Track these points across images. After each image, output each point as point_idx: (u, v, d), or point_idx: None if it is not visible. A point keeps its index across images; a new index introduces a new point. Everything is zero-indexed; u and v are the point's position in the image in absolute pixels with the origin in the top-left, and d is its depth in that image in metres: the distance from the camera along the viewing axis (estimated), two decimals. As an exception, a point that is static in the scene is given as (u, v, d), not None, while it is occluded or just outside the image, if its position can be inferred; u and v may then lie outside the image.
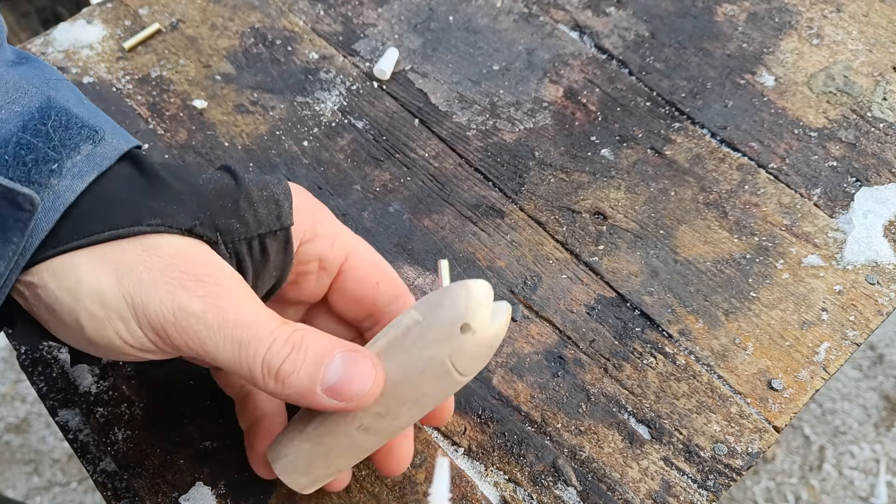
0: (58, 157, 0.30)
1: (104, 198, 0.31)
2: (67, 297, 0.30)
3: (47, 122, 0.31)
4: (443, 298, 0.31)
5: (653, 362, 0.43)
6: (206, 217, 0.32)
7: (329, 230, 0.36)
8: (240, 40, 0.58)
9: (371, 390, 0.30)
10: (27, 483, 1.22)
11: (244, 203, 0.33)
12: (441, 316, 0.31)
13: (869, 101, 0.54)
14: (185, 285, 0.30)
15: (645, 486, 0.39)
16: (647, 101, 0.55)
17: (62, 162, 0.30)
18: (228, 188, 0.33)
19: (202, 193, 0.32)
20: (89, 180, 0.31)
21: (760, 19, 0.59)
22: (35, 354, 0.45)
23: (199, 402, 0.42)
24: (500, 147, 0.52)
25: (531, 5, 0.60)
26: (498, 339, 0.32)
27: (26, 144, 0.30)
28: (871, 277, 0.46)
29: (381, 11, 0.60)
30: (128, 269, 0.30)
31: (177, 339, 0.30)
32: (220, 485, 0.39)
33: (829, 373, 0.43)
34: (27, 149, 0.30)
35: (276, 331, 0.30)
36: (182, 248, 0.31)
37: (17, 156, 0.29)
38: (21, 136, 0.30)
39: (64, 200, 0.30)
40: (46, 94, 0.32)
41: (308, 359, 0.30)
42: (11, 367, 1.34)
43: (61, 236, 0.30)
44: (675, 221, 0.49)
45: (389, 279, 0.37)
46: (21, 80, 0.32)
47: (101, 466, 0.41)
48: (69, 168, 0.30)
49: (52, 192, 0.30)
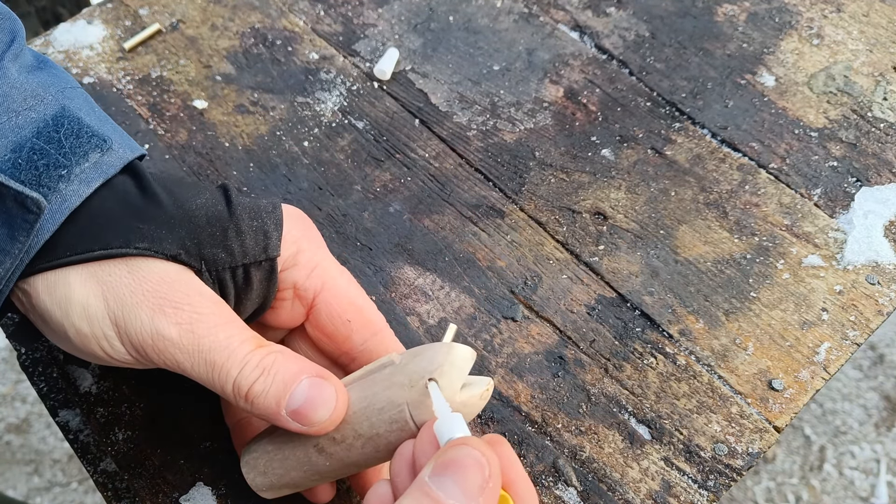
0: (67, 163, 0.32)
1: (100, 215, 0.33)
2: (58, 311, 0.32)
3: (60, 130, 0.33)
4: (425, 351, 0.32)
5: (653, 362, 0.43)
6: (192, 245, 0.33)
7: (310, 260, 0.36)
8: (240, 40, 0.58)
9: (332, 417, 0.32)
10: (28, 483, 1.22)
11: (232, 233, 0.34)
12: (414, 365, 0.32)
13: (869, 101, 0.54)
14: (165, 311, 0.32)
15: (645, 486, 0.39)
16: (647, 101, 0.55)
17: (71, 168, 0.32)
18: (219, 216, 0.34)
19: (192, 219, 0.34)
20: (95, 186, 0.33)
21: (761, 19, 0.59)
22: (36, 355, 0.45)
23: (200, 402, 0.42)
24: (500, 147, 0.52)
25: (531, 5, 0.60)
26: (466, 409, 0.32)
27: (39, 150, 0.32)
28: (872, 277, 0.46)
29: (381, 12, 0.60)
30: (114, 290, 0.32)
31: (155, 358, 0.32)
32: (221, 485, 0.39)
33: (829, 373, 0.43)
34: (40, 154, 0.32)
35: (249, 355, 0.32)
36: (166, 274, 0.33)
37: (30, 160, 0.31)
38: (35, 143, 0.32)
39: (70, 204, 0.32)
40: (61, 104, 0.34)
41: (276, 382, 0.32)
42: (12, 368, 1.34)
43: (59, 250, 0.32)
44: (675, 221, 0.49)
45: (363, 317, 0.37)
46: (38, 88, 0.34)
47: (101, 467, 0.41)
48: (77, 174, 0.32)
49: (60, 196, 0.32)
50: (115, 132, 0.35)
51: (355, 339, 0.37)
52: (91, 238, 0.32)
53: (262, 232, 0.35)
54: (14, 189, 0.30)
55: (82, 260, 0.32)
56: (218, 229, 0.34)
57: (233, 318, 0.33)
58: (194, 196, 0.34)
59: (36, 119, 0.33)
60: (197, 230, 0.34)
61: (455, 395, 0.31)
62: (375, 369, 0.33)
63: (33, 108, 0.33)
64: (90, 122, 0.34)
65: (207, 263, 0.34)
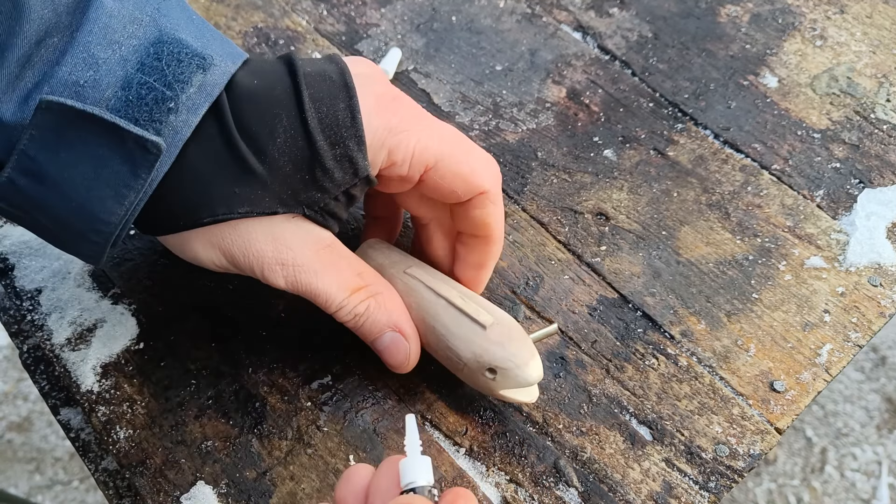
0: (173, 94, 0.34)
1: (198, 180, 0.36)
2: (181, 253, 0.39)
3: (162, 57, 0.34)
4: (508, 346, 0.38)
5: (654, 363, 0.43)
6: (288, 196, 0.37)
7: (404, 154, 0.38)
8: (243, 40, 0.58)
9: (407, 366, 0.40)
10: (29, 481, 1.23)
11: (320, 172, 0.36)
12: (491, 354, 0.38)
13: (872, 102, 0.54)
14: (273, 269, 0.38)
15: (646, 487, 0.39)
16: (649, 101, 0.55)
17: (177, 99, 0.34)
18: (302, 157, 0.36)
19: (280, 170, 0.36)
20: (202, 112, 0.34)
21: (764, 20, 0.59)
22: (37, 353, 0.45)
23: (201, 401, 0.42)
24: (502, 147, 0.52)
25: (534, 6, 0.60)
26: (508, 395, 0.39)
27: (146, 84, 0.34)
28: (874, 279, 0.46)
29: (384, 11, 0.60)
30: (228, 250, 0.38)
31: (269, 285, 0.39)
32: (222, 484, 0.40)
33: (831, 374, 0.43)
34: (147, 89, 0.34)
35: (345, 300, 0.38)
36: (270, 231, 0.37)
37: (139, 96, 0.33)
38: (141, 78, 0.34)
39: (182, 136, 0.34)
40: (158, 25, 0.35)
41: (365, 328, 0.39)
42: (14, 366, 1.34)
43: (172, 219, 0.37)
44: (677, 222, 0.49)
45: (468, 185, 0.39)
46: (135, 10, 0.34)
47: (102, 465, 0.41)
48: (184, 102, 0.34)
49: (171, 129, 0.34)
50: (213, 41, 0.36)
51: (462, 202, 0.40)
52: (196, 206, 0.36)
53: (347, 159, 0.37)
54: (135, 133, 0.33)
55: (195, 225, 0.37)
56: (305, 172, 0.36)
57: (334, 260, 0.39)
58: (272, 135, 0.36)
59: (137, 47, 0.34)
60: (287, 180, 0.36)
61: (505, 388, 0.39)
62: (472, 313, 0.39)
63: (134, 34, 0.34)
64: (188, 40, 0.35)
65: (308, 206, 0.37)
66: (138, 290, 0.46)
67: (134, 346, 0.44)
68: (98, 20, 0.33)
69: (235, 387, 0.42)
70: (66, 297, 0.46)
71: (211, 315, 0.45)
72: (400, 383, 0.42)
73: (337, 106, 0.36)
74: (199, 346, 0.44)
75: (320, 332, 0.44)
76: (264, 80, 0.36)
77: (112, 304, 0.45)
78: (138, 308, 0.45)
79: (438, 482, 0.39)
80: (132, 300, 0.46)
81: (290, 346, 0.44)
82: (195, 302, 0.46)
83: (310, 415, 0.42)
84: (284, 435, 0.41)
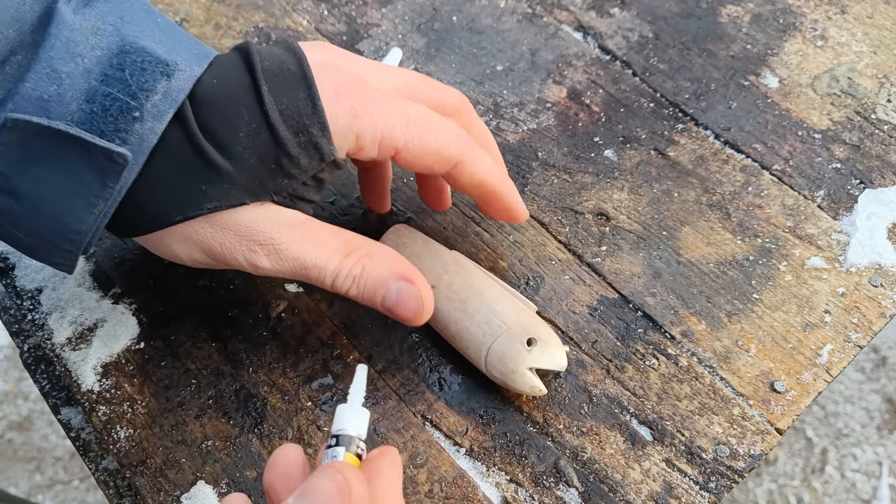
0: (137, 104, 0.34)
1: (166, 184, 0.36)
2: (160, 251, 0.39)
3: (125, 67, 0.34)
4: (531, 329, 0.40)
5: (655, 364, 0.43)
6: (256, 186, 0.37)
7: (371, 138, 0.37)
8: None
9: (422, 313, 0.38)
10: (29, 481, 1.23)
11: (285, 160, 0.36)
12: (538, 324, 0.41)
13: (873, 102, 0.54)
14: (254, 250, 0.37)
15: (647, 487, 0.39)
16: (650, 102, 0.55)
17: (142, 108, 0.34)
18: (267, 149, 0.36)
19: (245, 163, 0.36)
20: (168, 118, 0.35)
21: (764, 21, 0.59)
22: (38, 353, 0.45)
23: (201, 400, 0.42)
24: (503, 147, 0.52)
25: (535, 6, 0.60)
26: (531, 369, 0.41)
27: (109, 96, 0.34)
28: (875, 280, 0.46)
29: (384, 11, 0.60)
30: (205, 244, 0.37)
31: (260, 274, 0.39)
32: (222, 483, 0.40)
33: (831, 375, 0.43)
34: (111, 99, 0.34)
35: (338, 266, 0.37)
36: (242, 219, 0.37)
37: (104, 108, 0.34)
38: (104, 90, 0.34)
39: (148, 143, 0.34)
40: (120, 33, 0.35)
41: (367, 288, 0.38)
42: (14, 365, 1.34)
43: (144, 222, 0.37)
44: (677, 223, 0.49)
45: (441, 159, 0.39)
46: (97, 21, 0.34)
47: (103, 465, 0.41)
48: (149, 109, 0.34)
49: (137, 137, 0.34)
50: (180, 45, 0.36)
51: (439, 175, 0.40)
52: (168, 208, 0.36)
53: (312, 145, 0.36)
54: (101, 146, 0.33)
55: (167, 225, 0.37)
56: (272, 162, 0.36)
57: (314, 233, 0.38)
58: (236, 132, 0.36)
59: (101, 58, 0.34)
60: (254, 172, 0.36)
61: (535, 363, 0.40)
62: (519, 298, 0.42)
63: (97, 45, 0.34)
64: (152, 47, 0.35)
65: (276, 193, 0.37)
66: (139, 289, 0.46)
67: (134, 345, 0.44)
68: (59, 35, 0.33)
69: (236, 386, 0.43)
70: (66, 296, 0.46)
71: (211, 315, 0.45)
72: (400, 383, 0.42)
73: (297, 97, 0.36)
74: (199, 346, 0.44)
75: (320, 332, 0.44)
76: (223, 80, 0.36)
77: (112, 304, 0.46)
78: (139, 308, 0.45)
79: (439, 482, 0.39)
80: (133, 300, 0.46)
81: (291, 346, 0.44)
82: (196, 302, 0.46)
83: (310, 415, 0.42)
84: (285, 435, 0.41)
